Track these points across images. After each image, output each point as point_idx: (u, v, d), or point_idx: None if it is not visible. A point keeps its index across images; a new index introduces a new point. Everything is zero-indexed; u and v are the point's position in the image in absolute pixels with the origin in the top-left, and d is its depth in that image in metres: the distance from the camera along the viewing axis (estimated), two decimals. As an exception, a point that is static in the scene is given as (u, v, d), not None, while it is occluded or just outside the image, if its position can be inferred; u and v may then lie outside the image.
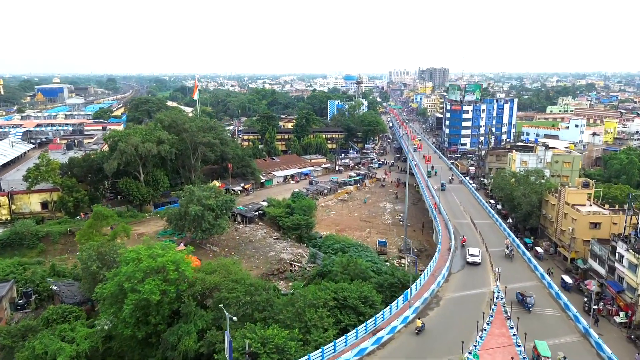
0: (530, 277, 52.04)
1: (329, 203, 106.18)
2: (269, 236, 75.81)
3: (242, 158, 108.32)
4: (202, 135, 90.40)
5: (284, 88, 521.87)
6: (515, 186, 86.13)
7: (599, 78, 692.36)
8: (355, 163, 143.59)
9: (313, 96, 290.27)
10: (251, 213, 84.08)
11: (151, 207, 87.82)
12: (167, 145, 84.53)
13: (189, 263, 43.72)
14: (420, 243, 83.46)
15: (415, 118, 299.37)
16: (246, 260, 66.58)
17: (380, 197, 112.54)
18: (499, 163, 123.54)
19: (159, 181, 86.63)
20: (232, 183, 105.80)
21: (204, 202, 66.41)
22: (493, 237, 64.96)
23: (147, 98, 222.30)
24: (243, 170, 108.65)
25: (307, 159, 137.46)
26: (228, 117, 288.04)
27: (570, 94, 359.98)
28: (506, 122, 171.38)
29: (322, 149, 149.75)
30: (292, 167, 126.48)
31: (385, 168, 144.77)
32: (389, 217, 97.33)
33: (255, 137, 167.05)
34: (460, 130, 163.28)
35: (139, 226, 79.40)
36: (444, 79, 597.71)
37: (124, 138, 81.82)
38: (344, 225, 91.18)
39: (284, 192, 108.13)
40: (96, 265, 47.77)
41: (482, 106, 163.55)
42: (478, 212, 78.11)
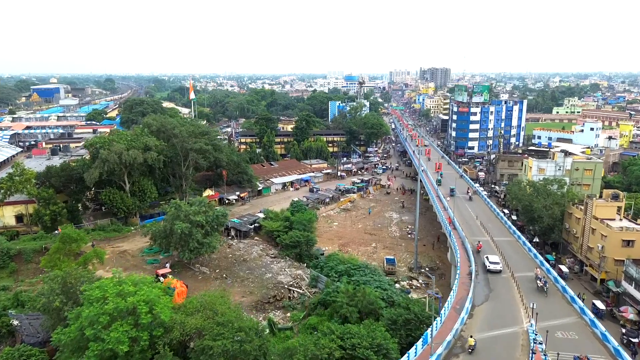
0: (567, 311, 44.73)
1: (330, 213, 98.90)
2: (265, 254, 68.51)
3: (238, 164, 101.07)
4: (193, 141, 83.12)
5: (283, 88, 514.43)
6: (533, 196, 78.90)
7: (601, 78, 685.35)
8: (358, 168, 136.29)
9: (313, 97, 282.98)
10: (246, 227, 76.78)
11: (137, 220, 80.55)
12: (155, 152, 77.24)
13: (166, 302, 36.42)
14: (432, 260, 76.17)
15: (418, 119, 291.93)
16: (239, 284, 59.30)
17: (385, 206, 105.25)
18: (511, 169, 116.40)
19: (146, 191, 79.35)
20: (226, 191, 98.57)
21: (191, 219, 59.14)
22: (517, 259, 57.58)
23: (142, 99, 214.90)
24: (239, 177, 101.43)
25: (307, 164, 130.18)
26: (226, 119, 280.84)
27: (575, 95, 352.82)
28: (515, 124, 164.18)
29: (323, 153, 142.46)
30: (292, 173, 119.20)
31: (388, 173, 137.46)
32: (395, 230, 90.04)
33: (253, 140, 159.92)
34: (468, 133, 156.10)
35: (122, 242, 72.15)
36: (445, 79, 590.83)
37: (107, 145, 74.54)
38: (348, 239, 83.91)
39: (283, 200, 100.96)
40: (60, 300, 40.50)
41: (491, 108, 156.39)
42: (497, 227, 70.76)
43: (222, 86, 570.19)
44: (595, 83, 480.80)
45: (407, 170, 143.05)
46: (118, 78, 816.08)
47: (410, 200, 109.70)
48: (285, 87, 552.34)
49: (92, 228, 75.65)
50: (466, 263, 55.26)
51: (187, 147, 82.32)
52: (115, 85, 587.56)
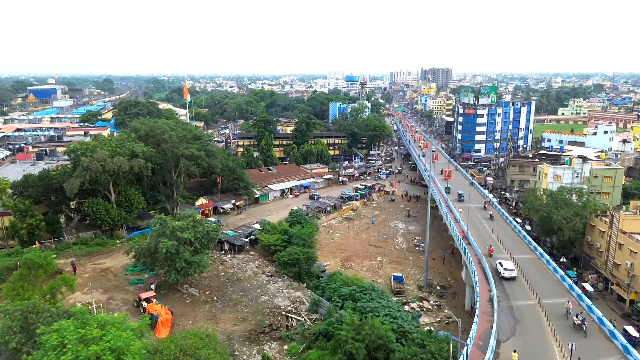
0: (608, 349, 38.69)
1: (332, 222, 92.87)
2: (262, 271, 62.45)
3: (234, 170, 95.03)
4: (184, 146, 77.03)
5: (283, 89, 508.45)
6: (552, 207, 72.89)
7: (604, 78, 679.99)
8: (361, 173, 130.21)
9: (313, 98, 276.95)
10: (241, 240, 70.74)
11: (124, 232, 74.50)
12: (142, 159, 71.19)
13: (139, 350, 30.35)
14: (443, 276, 70.11)
15: (420, 121, 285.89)
16: (231, 308, 53.24)
17: (390, 215, 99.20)
18: (522, 175, 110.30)
19: (133, 201, 73.32)
20: (221, 200, 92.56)
21: (178, 235, 53.11)
22: (543, 282, 51.42)
23: (137, 100, 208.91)
24: (234, 184, 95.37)
25: (307, 168, 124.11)
26: (225, 120, 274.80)
27: (580, 96, 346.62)
28: (523, 126, 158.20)
29: (323, 157, 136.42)
30: (291, 178, 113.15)
31: (392, 178, 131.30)
32: (402, 241, 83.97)
33: (250, 143, 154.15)
34: (474, 135, 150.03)
35: (105, 257, 66.11)
36: (447, 80, 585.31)
37: (89, 152, 68.54)
38: (351, 252, 77.87)
39: (281, 209, 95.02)
40: (17, 340, 34.54)
41: (498, 110, 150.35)
42: (516, 243, 64.63)
43: (222, 87, 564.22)
44: (599, 84, 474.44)
45: (412, 174, 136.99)
46: (117, 78, 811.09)
47: (416, 208, 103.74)
48: (285, 87, 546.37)
49: (74, 242, 69.68)
50: (485, 287, 49.20)
51: (178, 153, 76.26)
52: (114, 86, 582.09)
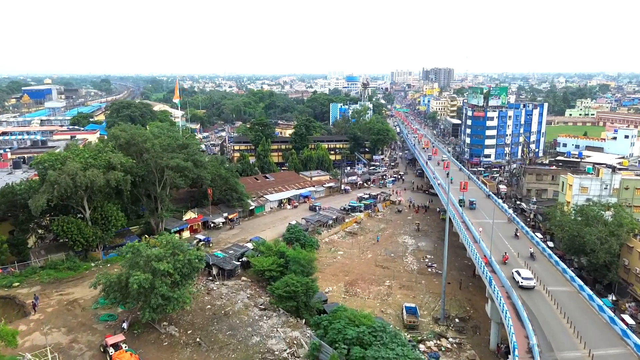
0: None
1: (334, 238, 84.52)
2: (254, 303, 54.10)
3: (227, 180, 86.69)
4: (169, 156, 68.72)
5: (283, 89, 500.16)
6: (582, 225, 64.57)
7: (607, 78, 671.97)
8: (364, 180, 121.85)
9: (313, 98, 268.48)
10: (231, 264, 62.39)
11: (99, 253, 66.18)
12: (120, 171, 62.88)
13: None
14: (461, 305, 61.72)
15: (424, 122, 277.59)
16: (217, 352, 44.89)
17: (397, 228, 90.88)
18: (539, 183, 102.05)
19: (110, 218, 65.00)
20: (212, 213, 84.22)
21: (154, 266, 44.78)
22: (588, 325, 42.87)
23: (129, 102, 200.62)
24: (227, 195, 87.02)
25: (306, 176, 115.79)
26: (222, 121, 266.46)
27: (586, 96, 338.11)
28: (535, 130, 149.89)
29: (324, 163, 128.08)
30: (289, 187, 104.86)
31: (397, 185, 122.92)
32: (412, 261, 75.58)
33: (247, 147, 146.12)
34: (484, 139, 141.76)
35: (76, 285, 57.73)
36: (449, 80, 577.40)
37: (58, 164, 60.22)
38: (356, 274, 69.53)
39: (279, 222, 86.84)
40: None
41: (509, 112, 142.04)
42: (547, 270, 56.24)
43: (221, 87, 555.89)
44: (604, 84, 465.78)
45: (418, 181, 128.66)
46: (116, 78, 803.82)
47: (425, 221, 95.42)
48: (284, 87, 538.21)
49: (41, 266, 61.39)
50: (521, 332, 40.86)
51: (162, 164, 67.93)
52: (112, 86, 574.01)
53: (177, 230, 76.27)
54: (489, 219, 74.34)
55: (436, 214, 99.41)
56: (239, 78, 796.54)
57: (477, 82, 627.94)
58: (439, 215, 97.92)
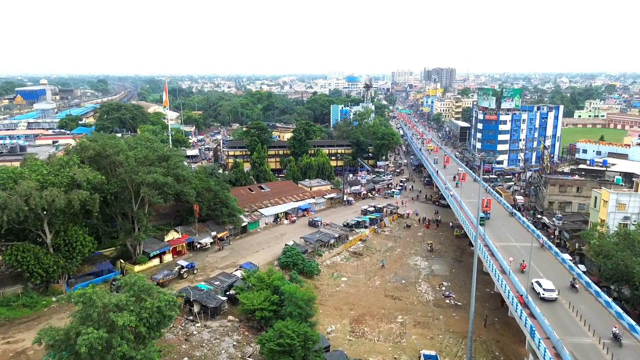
0: None
1: (337, 260, 74.94)
2: (240, 354, 44.54)
3: (216, 194, 77.20)
4: (146, 170, 59.22)
5: (282, 89, 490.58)
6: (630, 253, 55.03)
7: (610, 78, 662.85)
8: (369, 190, 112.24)
9: (313, 100, 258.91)
10: (216, 300, 52.76)
11: (62, 285, 56.62)
12: (86, 190, 53.35)
13: None
14: (488, 349, 51.98)
15: (428, 124, 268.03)
16: None
17: (407, 247, 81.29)
18: (563, 195, 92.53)
19: (75, 244, 55.56)
20: (199, 231, 74.69)
21: (112, 319, 35.25)
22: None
23: (119, 103, 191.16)
24: (217, 210, 77.47)
25: (305, 185, 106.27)
26: (218, 123, 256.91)
27: (593, 96, 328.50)
28: (550, 134, 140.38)
29: (325, 171, 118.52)
30: (287, 199, 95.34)
31: (403, 195, 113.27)
32: (426, 289, 65.94)
33: (242, 153, 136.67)
34: (496, 145, 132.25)
35: (29, 329, 48.18)
36: (451, 80, 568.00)
37: (10, 183, 50.68)
38: (363, 308, 59.92)
39: (274, 241, 77.42)
40: None
41: (523, 115, 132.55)
42: (594, 309, 46.67)
43: (219, 87, 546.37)
44: (610, 84, 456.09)
45: (427, 190, 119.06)
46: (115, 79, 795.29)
47: (438, 238, 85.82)
48: (284, 88, 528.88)
49: (-9, 303, 51.90)
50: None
51: (137, 179, 58.39)
52: (109, 87, 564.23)
53: (158, 253, 66.88)
54: (514, 242, 64.76)
55: (449, 230, 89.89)
56: (239, 78, 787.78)
57: (479, 82, 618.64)
58: (452, 231, 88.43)
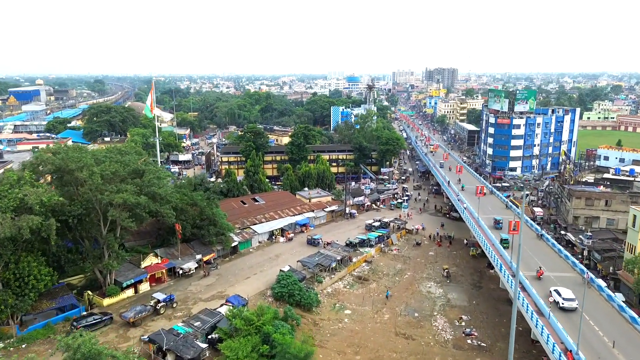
0: None
1: (339, 286, 65.80)
2: None
3: (202, 210, 68.12)
4: (115, 188, 50.14)
5: (282, 90, 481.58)
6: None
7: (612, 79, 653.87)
8: (373, 200, 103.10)
9: (313, 101, 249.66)
10: (194, 348, 43.61)
11: (13, 328, 47.49)
12: (39, 215, 44.32)
13: None
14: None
15: (432, 126, 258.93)
16: None
17: (418, 270, 72.14)
18: (590, 209, 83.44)
19: (27, 279, 46.50)
20: (181, 254, 65.58)
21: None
22: None
23: (108, 105, 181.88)
24: (203, 229, 68.37)
25: (304, 197, 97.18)
26: (214, 126, 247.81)
27: (600, 97, 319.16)
28: (566, 138, 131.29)
29: (325, 180, 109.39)
30: (283, 213, 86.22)
31: (410, 205, 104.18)
32: (443, 324, 56.73)
33: (237, 159, 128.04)
34: (509, 150, 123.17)
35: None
36: (452, 80, 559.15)
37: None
38: (370, 352, 50.65)
39: (268, 264, 68.46)
40: None
41: (537, 119, 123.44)
42: None
43: (218, 87, 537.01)
44: (616, 84, 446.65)
45: (435, 200, 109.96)
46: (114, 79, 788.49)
47: (451, 258, 76.69)
48: (284, 88, 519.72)
49: None
50: None
51: (103, 200, 49.28)
52: (106, 87, 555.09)
53: (132, 283, 57.83)
54: (547, 271, 55.53)
55: (463, 248, 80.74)
56: (238, 78, 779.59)
57: (481, 82, 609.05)
58: (467, 250, 79.32)
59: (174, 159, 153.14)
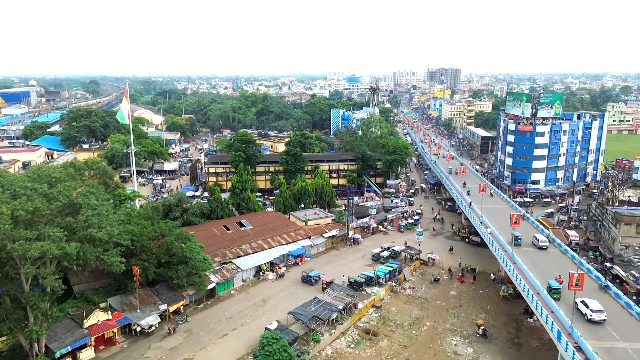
0: None
1: (341, 345, 51.81)
2: None
3: (169, 247, 54.35)
4: (33, 234, 36.39)
5: (281, 91, 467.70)
6: None
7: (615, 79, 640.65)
8: (379, 221, 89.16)
9: (312, 103, 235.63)
10: None
11: None
12: None
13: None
14: None
15: (438, 131, 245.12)
16: None
17: (439, 318, 58.09)
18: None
19: None
20: (141, 305, 51.79)
21: None
22: None
23: (89, 109, 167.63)
24: (171, 270, 54.57)
25: (299, 218, 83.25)
26: (208, 129, 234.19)
27: (612, 99, 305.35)
28: (594, 147, 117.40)
29: (324, 196, 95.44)
30: (274, 240, 72.35)
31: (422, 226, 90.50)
32: (480, 408, 42.90)
33: (225, 170, 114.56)
34: (531, 161, 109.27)
35: None
36: (455, 81, 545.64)
37: None
38: None
39: (252, 315, 54.79)
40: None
41: (564, 125, 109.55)
42: None
43: (216, 88, 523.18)
44: (625, 85, 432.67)
45: (449, 217, 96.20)
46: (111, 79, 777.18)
47: (478, 301, 62.65)
48: (283, 89, 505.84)
49: None
50: None
51: (14, 253, 35.45)
52: (102, 87, 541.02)
53: (69, 351, 44.03)
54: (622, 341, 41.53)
55: (491, 285, 66.82)
56: (237, 79, 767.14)
57: (483, 82, 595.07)
58: (495, 288, 65.47)
59: (159, 168, 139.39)
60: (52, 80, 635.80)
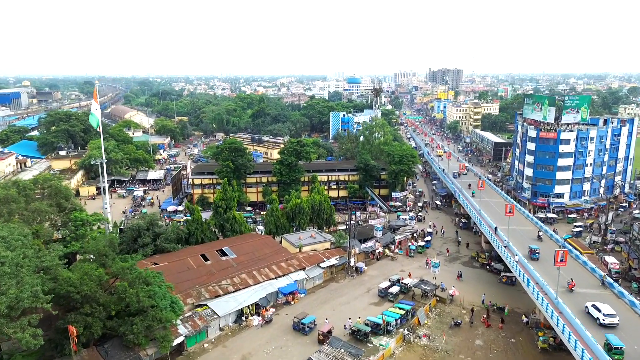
0: None
1: None
2: None
3: (121, 295, 42.39)
4: None
5: (280, 91, 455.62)
6: None
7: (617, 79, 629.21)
8: (386, 244, 77.13)
9: (311, 105, 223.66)
10: None
11: None
12: None
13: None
14: None
15: (444, 134, 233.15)
16: None
17: (465, 381, 46.18)
18: None
19: None
20: (82, 375, 39.70)
21: None
22: None
23: (68, 112, 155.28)
24: (124, 325, 42.61)
25: (292, 244, 71.24)
26: (201, 133, 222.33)
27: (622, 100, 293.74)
28: (622, 155, 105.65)
29: (322, 214, 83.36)
30: (261, 274, 60.38)
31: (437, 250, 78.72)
32: None
33: (212, 181, 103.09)
34: (555, 172, 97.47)
35: None
36: (457, 81, 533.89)
37: None
38: None
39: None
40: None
41: (591, 132, 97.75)
42: None
43: (213, 89, 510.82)
44: (633, 86, 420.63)
45: (465, 235, 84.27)
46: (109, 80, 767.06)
47: (510, 350, 50.62)
48: (281, 89, 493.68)
49: None
50: None
51: None
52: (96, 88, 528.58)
53: None
54: None
55: (524, 331, 54.79)
56: (236, 79, 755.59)
57: (485, 83, 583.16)
58: (529, 335, 53.45)
59: (142, 177, 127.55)
60: (49, 81, 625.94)
